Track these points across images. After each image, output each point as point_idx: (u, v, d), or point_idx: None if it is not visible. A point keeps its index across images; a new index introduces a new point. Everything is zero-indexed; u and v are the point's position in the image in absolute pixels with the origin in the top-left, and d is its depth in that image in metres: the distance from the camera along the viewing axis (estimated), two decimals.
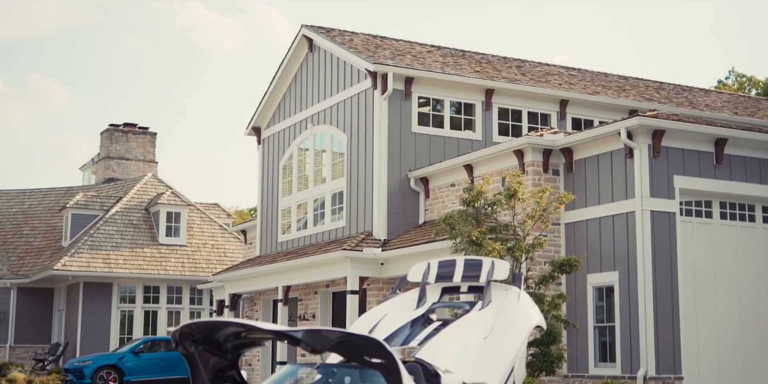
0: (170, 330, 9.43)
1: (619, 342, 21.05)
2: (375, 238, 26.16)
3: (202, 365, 9.65)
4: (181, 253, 42.11)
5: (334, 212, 28.75)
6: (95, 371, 31.00)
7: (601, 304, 21.81)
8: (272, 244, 32.16)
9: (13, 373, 33.91)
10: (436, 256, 22.44)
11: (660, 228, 20.96)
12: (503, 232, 19.86)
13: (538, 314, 11.96)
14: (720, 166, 22.03)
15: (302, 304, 30.09)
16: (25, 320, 42.26)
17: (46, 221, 45.76)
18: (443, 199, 25.96)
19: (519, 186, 19.73)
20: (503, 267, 12.29)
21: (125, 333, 40.31)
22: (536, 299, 18.28)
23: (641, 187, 20.92)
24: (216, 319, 9.13)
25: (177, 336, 9.33)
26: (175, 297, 41.59)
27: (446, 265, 12.70)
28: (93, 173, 52.69)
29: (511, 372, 10.94)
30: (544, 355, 18.78)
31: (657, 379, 20.28)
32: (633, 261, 20.91)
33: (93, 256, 39.85)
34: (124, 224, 42.15)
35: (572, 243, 22.41)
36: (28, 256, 43.64)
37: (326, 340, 8.72)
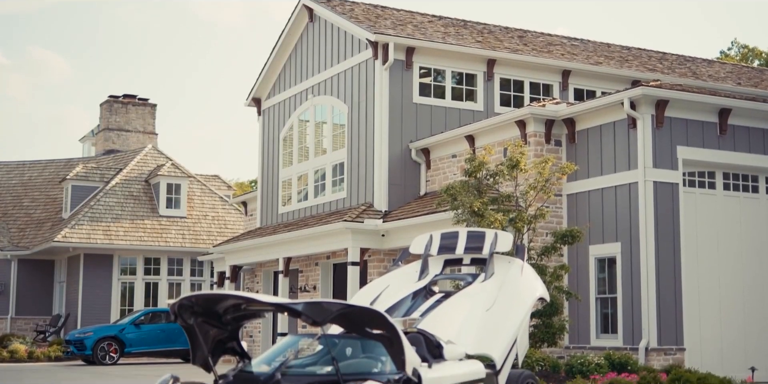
0: (170, 302, 9.31)
1: (621, 313, 20.97)
2: (376, 210, 26.05)
3: (202, 337, 9.58)
4: (181, 224, 42.03)
5: (334, 183, 28.63)
6: (96, 342, 30.97)
7: (603, 276, 21.72)
8: (273, 215, 32.07)
9: (14, 345, 33.97)
10: (437, 228, 22.42)
11: (663, 199, 20.83)
12: (505, 203, 19.74)
13: (542, 286, 11.87)
14: (723, 137, 21.87)
15: (303, 276, 30.04)
16: (26, 292, 42.26)
17: (46, 193, 45.65)
18: (444, 170, 25.82)
19: (521, 156, 19.59)
20: (506, 239, 12.19)
21: (126, 305, 40.30)
22: (538, 270, 18.19)
23: (644, 158, 20.77)
24: (216, 292, 9.05)
25: (176, 308, 9.25)
26: (176, 269, 41.56)
27: (449, 237, 12.60)
28: (93, 145, 52.52)
29: (514, 344, 10.88)
30: (546, 326, 18.72)
31: (659, 350, 20.22)
32: (635, 232, 20.80)
33: (93, 227, 39.77)
34: (124, 196, 42.04)
35: (574, 214, 22.29)
36: (28, 228, 43.56)
37: (327, 313, 8.65)
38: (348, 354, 9.96)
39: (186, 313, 9.31)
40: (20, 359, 33.06)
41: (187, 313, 9.32)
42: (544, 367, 17.99)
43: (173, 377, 9.47)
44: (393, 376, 9.23)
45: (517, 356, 11.06)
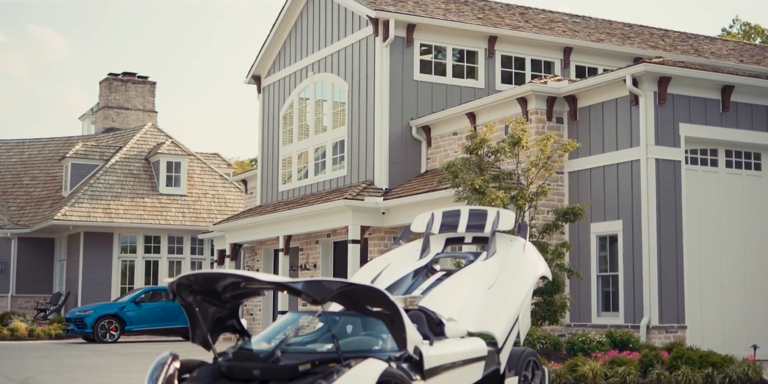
0: (168, 281, 9.22)
1: (622, 291, 20.92)
2: (376, 187, 25.96)
3: (201, 315, 9.51)
4: (181, 203, 41.97)
5: (335, 161, 28.53)
6: (96, 320, 30.95)
7: (605, 254, 21.65)
8: (273, 193, 31.99)
9: (14, 323, 33.97)
10: (438, 205, 22.38)
11: (665, 176, 20.73)
12: (506, 181, 19.65)
13: (544, 265, 11.78)
14: (726, 114, 21.75)
15: (303, 254, 29.99)
16: (26, 270, 42.27)
17: (46, 171, 45.57)
18: (445, 148, 25.71)
19: (523, 133, 19.48)
20: (509, 217, 12.09)
21: (126, 283, 40.31)
22: (539, 248, 18.12)
23: (646, 135, 20.65)
24: (215, 271, 8.97)
25: (174, 287, 9.18)
26: (176, 247, 41.54)
27: (450, 215, 12.50)
28: (92, 123, 52.39)
29: (516, 322, 10.81)
30: (548, 304, 18.66)
31: (660, 328, 20.18)
32: (637, 210, 20.71)
33: (93, 206, 39.70)
34: (124, 174, 41.95)
35: (576, 192, 22.20)
36: (28, 206, 43.51)
37: (327, 291, 8.58)
38: (348, 331, 9.89)
39: (185, 292, 9.25)
40: (21, 337, 33.08)
41: (186, 292, 9.25)
42: (545, 345, 17.94)
43: (172, 355, 9.41)
44: (394, 354, 9.17)
45: (519, 334, 11.00)
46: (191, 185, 43.07)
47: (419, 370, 9.19)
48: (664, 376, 15.14)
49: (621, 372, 15.13)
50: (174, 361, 9.32)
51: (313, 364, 8.91)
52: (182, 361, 9.43)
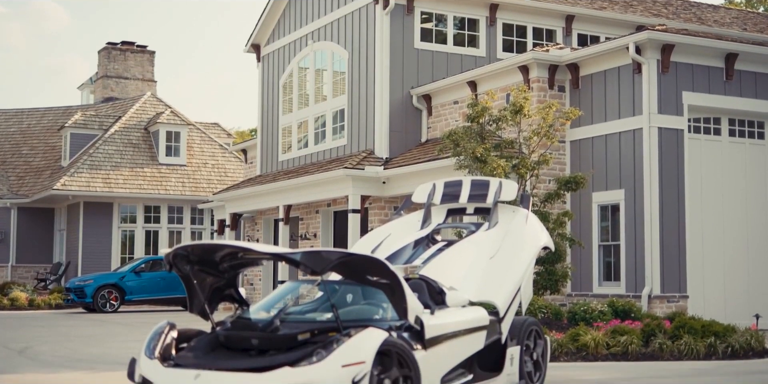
0: (164, 251, 9.08)
1: (623, 261, 20.82)
2: (377, 157, 25.81)
3: (199, 285, 9.40)
4: (181, 172, 41.83)
5: (335, 131, 28.36)
6: (96, 290, 30.88)
7: (606, 224, 21.53)
8: (273, 163, 31.83)
9: (14, 293, 33.94)
10: (438, 175, 22.23)
11: (667, 145, 20.57)
12: (508, 149, 19.48)
13: (546, 235, 11.64)
14: (730, 82, 21.55)
15: (303, 224, 29.88)
16: (26, 240, 42.21)
17: (45, 141, 45.38)
18: (446, 117, 25.53)
19: (525, 101, 19.29)
20: (511, 187, 11.94)
21: (126, 253, 40.25)
22: (541, 217, 18.01)
23: (649, 104, 20.47)
24: (212, 242, 8.84)
25: (171, 258, 9.05)
26: (176, 217, 41.44)
27: (452, 185, 12.35)
28: (91, 93, 52.14)
29: (518, 292, 10.68)
30: (549, 273, 18.55)
31: (662, 297, 20.10)
32: (639, 179, 20.57)
33: (93, 175, 39.56)
34: (123, 144, 41.77)
35: (577, 161, 22.04)
36: (27, 176, 43.37)
37: (326, 262, 8.45)
38: (348, 300, 9.78)
39: (181, 263, 9.13)
40: (21, 307, 33.05)
41: (183, 262, 9.13)
42: (546, 315, 17.85)
43: (169, 324, 9.30)
44: (395, 323, 9.05)
45: (521, 304, 10.87)
46: (191, 155, 42.90)
47: (420, 339, 9.08)
48: (666, 346, 15.07)
49: (623, 341, 15.06)
50: (171, 331, 9.21)
51: (313, 333, 8.80)
52: (180, 331, 9.32)
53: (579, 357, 14.84)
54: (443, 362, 9.35)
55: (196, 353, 8.89)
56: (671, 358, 14.91)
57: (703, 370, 13.49)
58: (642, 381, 12.14)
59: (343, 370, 8.10)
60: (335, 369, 8.09)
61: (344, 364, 8.13)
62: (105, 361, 14.74)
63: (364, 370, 8.16)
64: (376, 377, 8.37)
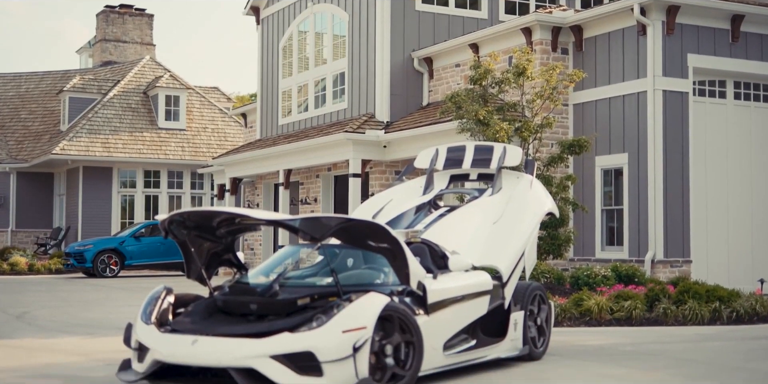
0: (159, 218, 8.85)
1: (626, 225, 20.64)
2: (377, 121, 25.56)
3: (196, 251, 9.22)
4: (180, 137, 41.58)
5: (335, 94, 28.08)
6: (96, 255, 30.75)
7: (609, 189, 21.33)
8: (273, 127, 31.57)
9: (14, 257, 33.83)
10: (440, 138, 22.00)
11: (672, 108, 20.32)
12: (510, 112, 19.23)
13: (551, 201, 11.44)
14: (736, 44, 21.25)
15: (304, 188, 29.69)
16: (25, 205, 42.05)
17: (43, 105, 45.09)
18: (448, 80, 25.24)
19: (528, 63, 19.01)
20: (515, 153, 11.72)
21: (126, 217, 40.10)
22: (544, 181, 17.81)
23: (653, 66, 20.19)
24: (209, 209, 8.63)
25: (166, 224, 8.85)
26: (176, 181, 41.24)
27: (455, 151, 12.13)
28: (90, 56, 51.76)
29: (522, 257, 10.49)
30: (552, 238, 18.35)
31: (665, 262, 19.95)
32: (643, 142, 20.34)
33: (92, 140, 39.31)
34: (122, 108, 41.48)
35: (580, 124, 21.79)
36: (26, 141, 43.13)
37: (325, 228, 8.24)
38: (349, 265, 9.60)
39: (178, 229, 8.93)
40: (21, 272, 32.95)
41: (179, 229, 8.93)
42: (548, 279, 17.69)
43: (166, 289, 9.13)
44: (396, 288, 8.87)
45: (525, 270, 10.69)
46: (190, 119, 42.63)
47: (422, 304, 8.90)
48: (670, 311, 14.92)
49: (627, 306, 14.90)
50: (168, 296, 9.04)
51: (313, 298, 8.62)
52: (177, 296, 9.15)
53: (582, 322, 14.70)
54: (446, 327, 9.18)
55: (193, 318, 8.72)
56: (675, 323, 14.76)
57: (707, 335, 13.35)
58: (646, 346, 11.99)
59: (344, 336, 7.92)
60: (336, 335, 7.92)
61: (345, 329, 7.95)
62: (103, 326, 14.61)
63: (365, 336, 7.99)
64: (377, 343, 8.21)
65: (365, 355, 7.98)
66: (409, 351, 8.47)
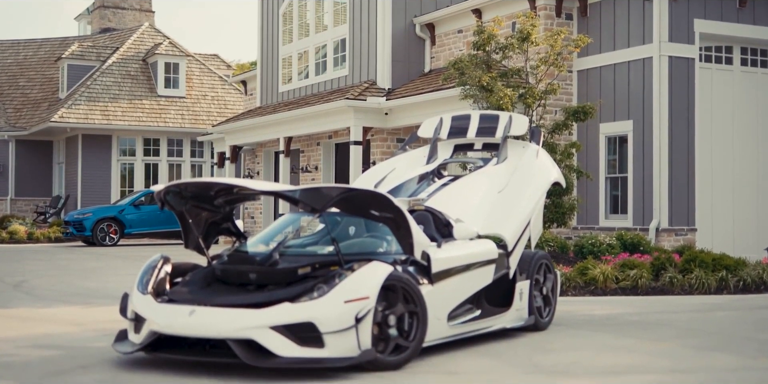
0: (156, 188, 8.56)
1: (631, 193, 20.41)
2: (379, 87, 25.26)
3: (194, 221, 8.98)
4: (180, 104, 41.27)
5: (336, 61, 27.74)
6: (95, 223, 30.54)
7: (614, 157, 21.07)
8: (273, 94, 31.25)
9: (13, 226, 33.65)
10: (442, 105, 21.73)
11: (678, 75, 20.02)
12: (514, 78, 18.93)
13: (557, 171, 11.19)
14: (743, 9, 20.90)
15: (304, 156, 29.44)
16: (25, 173, 41.85)
17: (42, 72, 44.75)
18: (450, 46, 24.91)
19: (532, 29, 18.68)
20: (521, 121, 11.45)
21: (126, 186, 39.89)
22: (549, 148, 17.54)
23: (659, 32, 19.86)
24: (206, 180, 8.35)
25: (162, 195, 8.59)
26: (176, 149, 40.98)
27: (460, 119, 11.87)
28: (88, 23, 51.32)
29: (527, 226, 10.26)
30: (556, 206, 18.11)
31: (670, 230, 19.73)
32: (648, 109, 20.06)
33: (91, 107, 39.02)
34: (121, 75, 41.14)
35: (585, 91, 21.49)
36: (25, 108, 42.85)
37: (326, 198, 7.96)
38: (351, 233, 9.36)
39: (175, 199, 8.67)
40: (20, 240, 32.79)
41: (176, 199, 8.67)
42: (552, 248, 17.49)
43: (163, 258, 8.90)
44: (399, 257, 8.64)
45: (530, 239, 10.46)
46: (190, 87, 42.30)
47: (426, 273, 8.67)
48: (677, 280, 14.71)
49: (632, 275, 14.69)
50: (165, 265, 8.81)
51: (314, 267, 8.39)
52: (174, 265, 8.92)
53: (587, 291, 14.49)
54: (450, 297, 8.96)
55: (191, 288, 8.49)
56: (681, 292, 14.56)
57: (715, 305, 13.14)
58: (653, 316, 11.79)
59: (346, 306, 7.70)
60: (337, 305, 7.70)
61: (347, 299, 7.73)
62: (101, 296, 14.42)
63: (367, 306, 7.76)
64: (380, 313, 7.99)
65: (368, 326, 7.76)
66: (412, 321, 8.25)
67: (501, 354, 8.90)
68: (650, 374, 7.83)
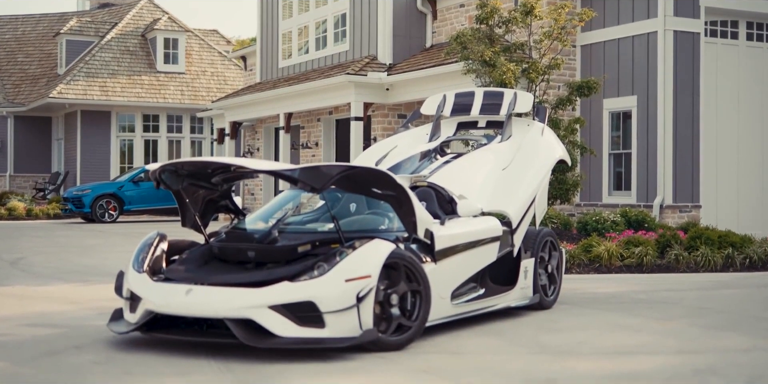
0: (150, 167, 8.34)
1: (635, 169, 20.17)
2: (380, 63, 24.97)
3: (191, 199, 8.74)
4: (180, 80, 40.97)
5: (336, 36, 27.43)
6: (94, 200, 30.32)
7: (617, 133, 20.83)
8: (273, 70, 30.95)
9: (12, 202, 33.44)
10: (444, 80, 21.46)
11: (683, 49, 19.75)
12: (518, 53, 18.65)
13: (562, 149, 10.95)
14: None
15: (305, 132, 29.18)
16: (24, 149, 41.63)
17: (40, 48, 44.44)
18: (452, 21, 24.60)
19: (536, 2, 18.38)
20: (526, 99, 11.20)
21: (125, 162, 39.66)
22: (552, 124, 17.30)
23: (664, 6, 19.57)
24: (202, 159, 8.08)
25: (157, 175, 8.35)
26: (175, 126, 40.72)
27: (464, 96, 11.61)
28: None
29: (532, 204, 10.03)
30: (559, 182, 17.87)
31: (674, 207, 19.53)
32: (653, 85, 19.80)
33: (89, 83, 38.74)
34: (120, 51, 40.81)
35: (588, 66, 21.22)
36: (23, 84, 42.57)
37: (326, 177, 7.69)
38: (352, 210, 9.13)
39: (170, 178, 8.42)
40: (19, 217, 32.57)
41: (172, 178, 8.42)
42: (555, 225, 17.28)
43: (159, 235, 8.69)
44: (402, 234, 8.42)
45: (535, 217, 10.23)
46: (189, 63, 41.98)
47: (430, 251, 8.45)
48: (682, 257, 14.50)
49: (638, 253, 14.49)
50: (161, 242, 8.59)
51: (314, 245, 8.16)
52: (170, 242, 8.70)
53: (592, 269, 14.29)
54: (454, 276, 8.75)
55: (187, 266, 8.27)
56: (687, 269, 14.36)
57: (722, 283, 12.94)
58: (660, 294, 11.59)
59: (347, 285, 7.49)
60: (338, 284, 7.49)
61: (348, 278, 7.51)
62: (99, 273, 14.21)
63: (369, 285, 7.55)
64: (382, 292, 7.77)
65: (369, 305, 7.56)
66: (415, 300, 8.04)
67: (506, 333, 8.70)
68: (659, 355, 7.63)
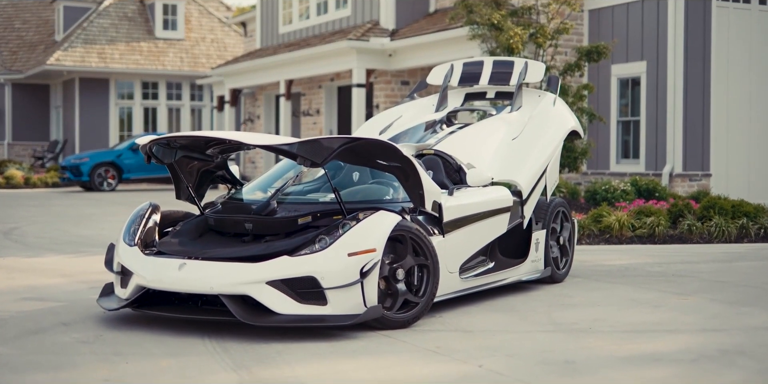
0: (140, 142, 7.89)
1: (644, 137, 19.70)
2: (382, 28, 24.42)
3: (185, 172, 8.26)
4: (179, 47, 40.38)
5: (338, 1, 26.86)
6: (93, 168, 29.88)
7: (626, 101, 20.33)
8: (273, 36, 30.39)
9: (10, 171, 33.04)
10: (449, 46, 20.94)
11: (693, 14, 19.22)
12: (525, 17, 18.11)
13: (575, 120, 10.46)
14: None
15: (306, 99, 28.68)
16: (22, 117, 41.15)
17: (38, 14, 43.83)
18: None
19: None
20: (537, 68, 10.69)
21: (125, 130, 39.19)
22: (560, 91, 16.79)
23: None
24: (195, 133, 7.53)
25: (149, 149, 7.86)
26: (175, 93, 40.18)
27: (472, 65, 11.10)
28: None
29: (543, 174, 9.56)
30: (568, 150, 17.39)
31: (684, 176, 19.07)
32: (663, 50, 19.28)
33: (87, 50, 38.16)
34: (118, 17, 40.19)
35: (596, 31, 20.69)
36: (20, 51, 42.00)
37: (326, 151, 7.17)
38: (355, 179, 8.66)
39: (162, 152, 7.91)
40: (17, 185, 32.19)
41: (164, 151, 7.92)
42: (563, 194, 16.83)
43: (152, 206, 8.23)
44: (408, 205, 7.96)
45: (546, 188, 9.76)
46: (189, 29, 41.37)
47: (437, 223, 8.00)
48: (695, 228, 14.04)
49: (649, 223, 14.03)
50: (154, 213, 8.13)
51: (315, 216, 7.69)
52: (163, 213, 8.25)
53: (602, 240, 13.85)
54: (463, 249, 8.30)
55: (181, 239, 7.81)
56: (701, 240, 13.91)
57: (737, 254, 12.50)
58: (674, 266, 11.15)
59: (350, 260, 7.03)
60: (341, 258, 7.03)
61: (351, 252, 7.06)
62: (94, 244, 13.79)
63: (373, 259, 7.10)
64: (387, 267, 7.33)
65: (374, 281, 7.11)
66: (422, 275, 7.59)
67: (517, 310, 8.27)
68: (681, 334, 7.19)
